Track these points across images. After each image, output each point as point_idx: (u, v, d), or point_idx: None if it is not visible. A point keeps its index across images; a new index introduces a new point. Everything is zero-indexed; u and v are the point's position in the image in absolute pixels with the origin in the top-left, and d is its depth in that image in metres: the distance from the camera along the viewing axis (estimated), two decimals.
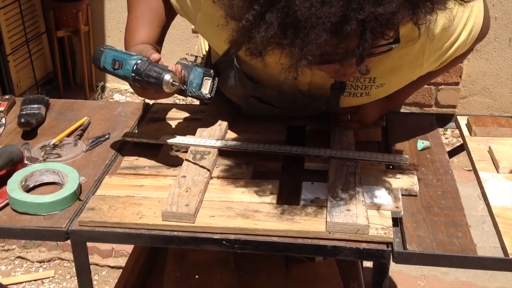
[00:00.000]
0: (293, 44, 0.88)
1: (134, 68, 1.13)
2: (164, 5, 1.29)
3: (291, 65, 0.92)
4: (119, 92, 3.93)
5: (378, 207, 1.09)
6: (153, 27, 1.29)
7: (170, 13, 1.31)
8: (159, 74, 1.11)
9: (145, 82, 1.13)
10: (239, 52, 1.23)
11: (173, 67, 1.16)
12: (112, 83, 3.98)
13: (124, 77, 1.15)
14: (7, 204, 1.15)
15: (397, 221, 1.09)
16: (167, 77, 1.11)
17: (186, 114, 1.47)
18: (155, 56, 1.17)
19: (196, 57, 1.28)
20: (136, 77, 1.13)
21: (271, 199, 1.13)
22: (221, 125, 1.36)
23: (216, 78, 1.27)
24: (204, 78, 1.24)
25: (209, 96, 1.23)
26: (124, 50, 1.19)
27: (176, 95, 1.22)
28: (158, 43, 1.30)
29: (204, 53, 1.52)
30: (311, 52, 0.87)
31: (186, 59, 1.25)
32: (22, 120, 1.41)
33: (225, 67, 1.29)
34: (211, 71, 1.25)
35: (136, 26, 1.30)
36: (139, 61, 1.13)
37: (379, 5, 0.84)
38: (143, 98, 1.25)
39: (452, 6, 0.96)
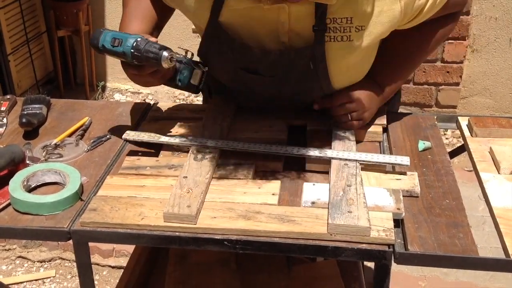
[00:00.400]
0: None
1: (134, 44, 1.18)
2: (153, 3, 1.37)
3: None
4: (120, 92, 3.94)
5: (379, 208, 1.10)
6: (144, 21, 1.35)
7: (161, 11, 1.37)
8: (158, 49, 1.17)
9: (144, 58, 1.17)
10: (222, 18, 1.26)
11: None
12: (113, 83, 3.98)
13: (122, 54, 1.19)
14: (9, 204, 1.16)
15: (398, 222, 1.09)
16: (166, 53, 1.17)
17: (187, 114, 1.47)
18: (152, 38, 1.22)
19: (187, 51, 1.29)
20: (135, 53, 1.17)
21: (272, 200, 1.13)
22: (222, 125, 1.36)
23: (205, 71, 1.31)
24: (194, 70, 1.28)
25: (198, 87, 1.30)
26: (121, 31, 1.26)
27: (174, 94, 1.24)
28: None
29: None
30: None
31: (177, 52, 1.27)
32: (24, 120, 1.41)
33: (211, 38, 1.31)
34: (200, 64, 1.30)
35: (129, 19, 1.36)
36: (138, 39, 1.19)
37: None
38: (138, 86, 1.29)
39: None
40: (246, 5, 1.20)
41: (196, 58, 1.33)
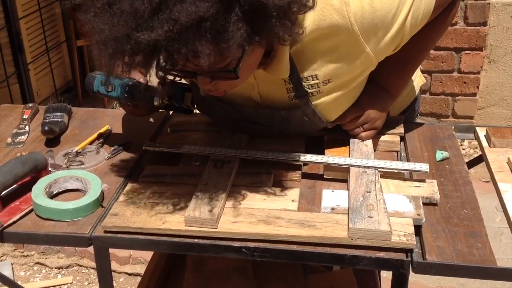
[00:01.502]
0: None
1: (127, 89, 1.30)
2: None
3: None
4: None
5: (399, 214, 1.10)
6: None
7: None
8: (150, 93, 1.29)
9: (137, 101, 1.31)
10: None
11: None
12: None
13: (117, 98, 1.32)
14: (31, 210, 1.18)
15: (416, 231, 1.09)
16: (156, 97, 1.29)
17: (206, 126, 1.48)
18: (142, 79, 1.33)
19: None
20: (129, 97, 1.30)
21: (292, 206, 1.14)
22: (241, 135, 1.37)
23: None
24: (185, 92, 1.33)
25: (192, 108, 1.36)
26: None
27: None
28: None
29: None
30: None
31: (167, 77, 1.30)
32: (46, 128, 1.43)
33: (201, 104, 1.37)
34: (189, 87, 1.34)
35: None
36: (130, 83, 1.30)
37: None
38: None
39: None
40: None
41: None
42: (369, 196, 1.13)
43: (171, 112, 1.56)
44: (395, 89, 1.38)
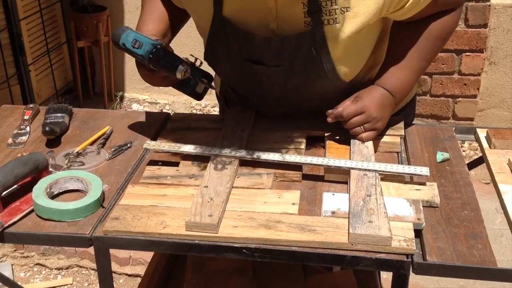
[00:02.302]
0: None
1: (153, 50, 1.26)
2: (166, 5, 1.44)
3: None
4: (137, 102, 3.98)
5: (400, 218, 1.10)
6: (158, 22, 1.43)
7: (174, 13, 1.44)
8: (175, 61, 1.26)
9: (160, 65, 1.27)
10: (225, 11, 1.29)
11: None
12: (131, 93, 4.03)
13: (141, 56, 1.28)
14: (32, 211, 1.18)
15: (417, 232, 1.09)
16: (181, 66, 1.26)
17: (206, 124, 1.48)
18: (169, 47, 1.32)
19: (196, 58, 1.32)
20: (153, 59, 1.27)
21: (292, 209, 1.14)
22: (242, 135, 1.38)
23: (211, 81, 1.36)
24: (202, 78, 1.32)
25: (202, 95, 1.39)
26: (143, 33, 1.33)
27: (191, 104, 1.29)
28: (164, 37, 1.41)
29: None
30: None
31: (187, 58, 1.31)
32: (47, 129, 1.43)
33: (216, 33, 1.34)
34: (208, 73, 1.34)
35: (144, 20, 1.44)
36: (158, 46, 1.27)
37: None
38: (147, 83, 1.40)
39: None
40: None
41: (204, 64, 1.37)
42: (369, 200, 1.13)
43: (171, 112, 1.56)
44: (398, 92, 1.38)
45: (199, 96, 1.39)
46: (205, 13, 1.32)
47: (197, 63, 1.32)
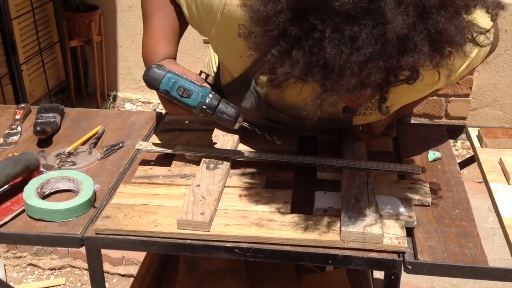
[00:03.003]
0: (322, 83, 0.89)
1: (207, 101, 1.17)
2: (178, 17, 1.30)
3: (315, 100, 0.93)
4: (130, 101, 3.97)
5: (391, 216, 1.10)
6: (172, 40, 1.30)
7: (184, 25, 1.32)
8: (232, 111, 1.18)
9: (215, 116, 1.18)
10: (256, 76, 1.24)
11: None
12: (124, 92, 4.02)
13: (191, 107, 1.18)
14: (23, 211, 1.17)
15: (408, 232, 1.10)
16: (241, 117, 1.19)
17: (198, 125, 1.48)
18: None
19: (207, 75, 1.30)
20: (207, 111, 1.18)
21: (284, 208, 1.14)
22: (234, 135, 1.38)
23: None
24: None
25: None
26: (184, 76, 1.20)
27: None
28: (175, 56, 1.32)
29: (214, 69, 1.53)
30: (339, 91, 0.89)
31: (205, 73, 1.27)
32: (38, 128, 1.43)
33: (240, 89, 1.29)
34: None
35: (156, 41, 1.29)
36: (210, 94, 1.18)
37: (408, 55, 0.85)
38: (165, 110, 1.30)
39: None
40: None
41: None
42: (361, 198, 1.13)
43: (164, 112, 1.56)
44: (403, 109, 1.39)
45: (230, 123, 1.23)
46: (237, 67, 1.26)
47: (209, 79, 1.27)
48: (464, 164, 1.53)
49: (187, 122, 1.50)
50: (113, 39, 3.87)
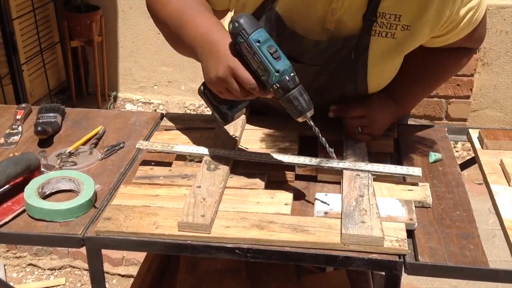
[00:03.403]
0: None
1: (286, 78, 1.04)
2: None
3: None
4: (131, 102, 3.97)
5: (392, 219, 1.10)
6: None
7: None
8: (307, 105, 1.06)
9: (285, 99, 1.05)
10: (278, 4, 1.25)
11: None
12: (124, 93, 4.02)
13: (270, 72, 1.04)
14: (24, 211, 1.17)
15: (409, 233, 1.10)
16: (310, 113, 1.07)
17: (199, 124, 1.48)
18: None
19: None
20: (280, 90, 1.05)
21: (285, 210, 1.14)
22: (235, 135, 1.38)
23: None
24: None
25: (230, 120, 1.22)
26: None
27: (185, 104, 1.23)
28: None
29: None
30: None
31: None
32: (39, 128, 1.43)
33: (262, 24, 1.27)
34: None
35: (198, 12, 1.20)
36: (292, 74, 1.04)
37: None
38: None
39: None
40: None
41: None
42: (362, 201, 1.13)
43: (164, 112, 1.56)
44: (404, 103, 1.43)
45: (226, 120, 1.21)
46: (252, 2, 1.27)
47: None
48: (464, 165, 1.53)
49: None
50: (114, 39, 3.87)
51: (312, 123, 1.10)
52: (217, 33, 1.12)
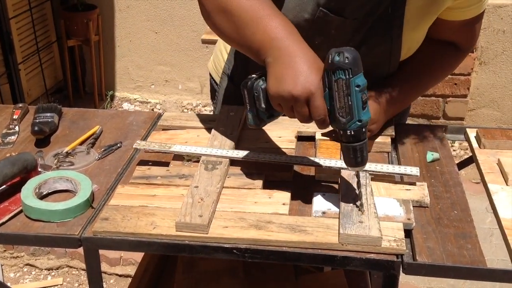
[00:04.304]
0: None
1: (362, 130, 1.04)
2: None
3: None
4: (128, 101, 3.97)
5: (390, 219, 1.10)
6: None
7: None
8: (365, 159, 1.08)
9: (350, 148, 1.06)
10: None
11: None
12: (121, 92, 4.01)
13: (349, 120, 1.03)
14: (21, 211, 1.17)
15: (407, 232, 1.10)
16: (361, 168, 1.10)
17: (197, 123, 1.48)
18: None
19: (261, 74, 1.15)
20: (351, 137, 1.05)
21: (283, 210, 1.14)
22: (232, 134, 1.37)
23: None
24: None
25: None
26: None
27: (182, 104, 1.23)
28: None
29: (224, 57, 1.56)
30: None
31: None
32: (36, 128, 1.42)
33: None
34: None
35: (269, 13, 1.10)
36: (366, 127, 1.05)
37: None
38: None
39: None
40: None
41: None
42: (360, 200, 1.12)
43: (162, 111, 1.56)
44: (398, 103, 1.42)
45: (258, 125, 1.16)
46: None
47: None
48: (462, 165, 1.53)
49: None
50: (111, 38, 3.87)
51: (360, 178, 1.12)
52: (296, 44, 1.06)
